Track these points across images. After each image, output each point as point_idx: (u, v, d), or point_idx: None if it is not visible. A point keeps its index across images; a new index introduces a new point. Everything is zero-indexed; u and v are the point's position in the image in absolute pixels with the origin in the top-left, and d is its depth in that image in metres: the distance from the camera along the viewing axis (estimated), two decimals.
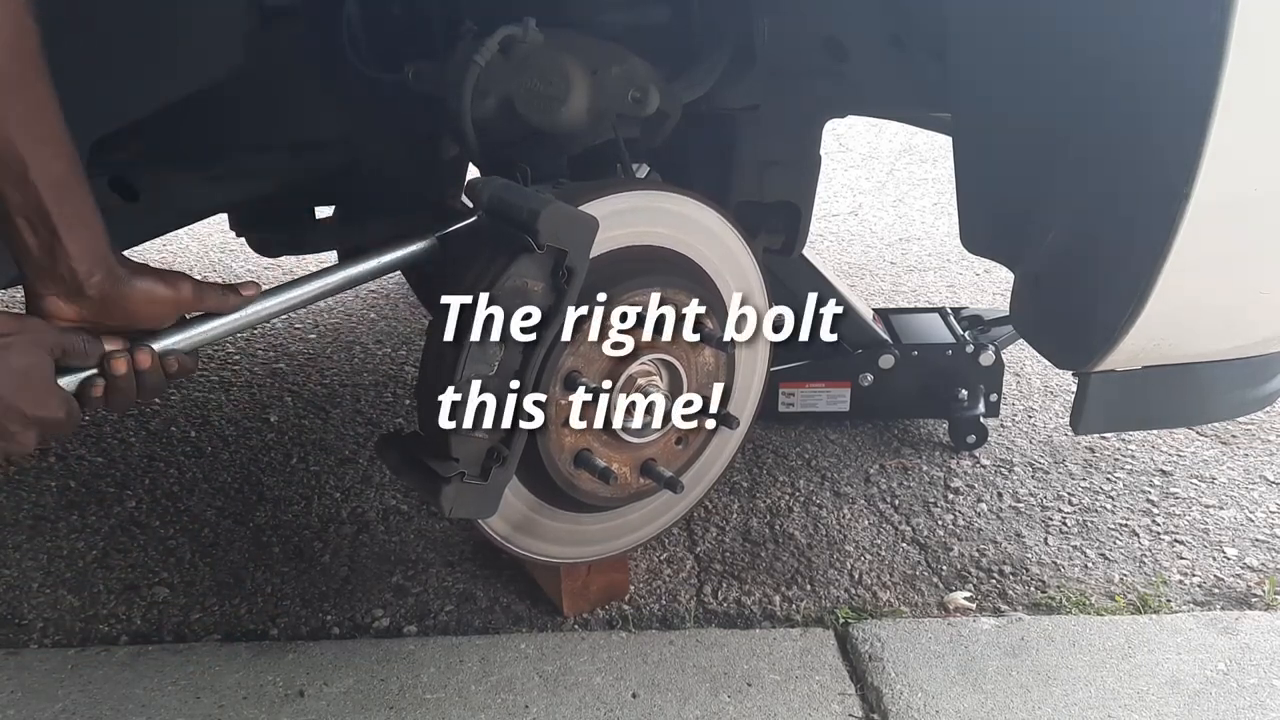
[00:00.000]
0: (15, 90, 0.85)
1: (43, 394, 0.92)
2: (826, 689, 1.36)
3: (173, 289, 1.01)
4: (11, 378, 0.90)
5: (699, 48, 1.47)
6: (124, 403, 1.01)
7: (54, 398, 0.94)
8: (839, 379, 1.96)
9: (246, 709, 1.32)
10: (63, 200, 0.90)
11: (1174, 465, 1.92)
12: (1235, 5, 0.88)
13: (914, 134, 4.17)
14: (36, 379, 0.92)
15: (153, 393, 1.02)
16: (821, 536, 1.71)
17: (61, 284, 0.94)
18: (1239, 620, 1.49)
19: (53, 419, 0.93)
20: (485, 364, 1.15)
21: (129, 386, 0.99)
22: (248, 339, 2.46)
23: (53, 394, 0.94)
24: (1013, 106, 1.15)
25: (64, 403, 0.95)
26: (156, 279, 1.00)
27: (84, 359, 0.97)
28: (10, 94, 0.85)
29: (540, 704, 1.33)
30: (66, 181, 0.91)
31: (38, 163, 0.88)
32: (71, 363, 0.96)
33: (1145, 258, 1.02)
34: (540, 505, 1.32)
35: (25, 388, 0.91)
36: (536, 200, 1.10)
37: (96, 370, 0.98)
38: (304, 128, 1.59)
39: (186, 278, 1.03)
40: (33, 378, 0.92)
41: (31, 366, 0.91)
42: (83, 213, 0.93)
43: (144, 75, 1.23)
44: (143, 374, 1.00)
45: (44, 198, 0.89)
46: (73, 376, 0.97)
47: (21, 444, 0.92)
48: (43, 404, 0.92)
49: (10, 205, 0.89)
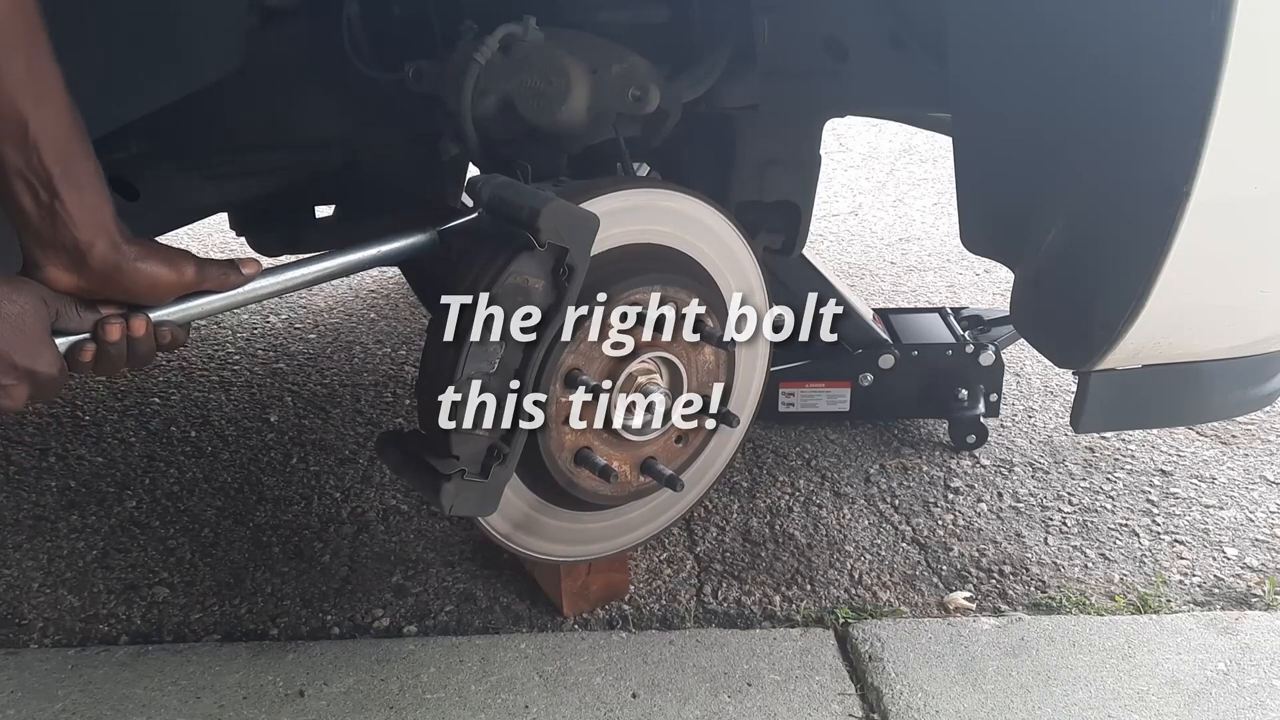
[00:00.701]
0: (16, 46, 0.83)
1: (37, 346, 0.89)
2: (826, 689, 1.36)
3: (176, 272, 0.98)
4: (6, 326, 0.87)
5: (699, 47, 1.47)
6: (112, 368, 0.98)
7: (49, 351, 0.91)
8: (839, 379, 1.96)
9: (246, 709, 1.32)
10: (65, 162, 0.87)
11: (1174, 465, 1.92)
12: (1235, 5, 0.88)
13: (914, 134, 4.17)
14: (32, 330, 0.89)
15: (142, 361, 0.99)
16: (821, 536, 1.71)
17: (62, 253, 0.90)
18: (1239, 620, 1.49)
19: (45, 374, 0.90)
20: (486, 362, 1.15)
21: (120, 353, 0.97)
22: (248, 339, 2.46)
23: (47, 347, 0.91)
24: (1013, 106, 1.15)
25: (57, 359, 0.92)
26: (160, 261, 0.97)
27: (78, 322, 0.94)
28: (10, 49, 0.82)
29: (540, 704, 1.33)
30: (69, 143, 0.87)
31: (39, 122, 0.85)
32: (65, 325, 0.93)
33: (1145, 257, 1.02)
34: (540, 503, 1.32)
35: (20, 338, 0.88)
36: (537, 198, 1.10)
37: (89, 335, 0.95)
38: (304, 127, 1.59)
39: (190, 258, 1.00)
40: (28, 329, 0.89)
41: (27, 317, 0.88)
42: (86, 177, 0.89)
43: (144, 74, 1.23)
44: (135, 341, 0.97)
45: (45, 159, 0.86)
46: (65, 338, 0.94)
47: (12, 398, 0.89)
48: (36, 356, 0.89)
49: (8, 167, 0.86)
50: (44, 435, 2.01)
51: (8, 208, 0.89)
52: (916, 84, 1.43)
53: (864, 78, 1.48)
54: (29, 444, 1.98)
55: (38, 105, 0.85)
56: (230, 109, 1.48)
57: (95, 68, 1.10)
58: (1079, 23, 1.04)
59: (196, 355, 2.37)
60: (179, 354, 2.37)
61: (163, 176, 1.54)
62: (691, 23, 1.46)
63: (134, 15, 1.17)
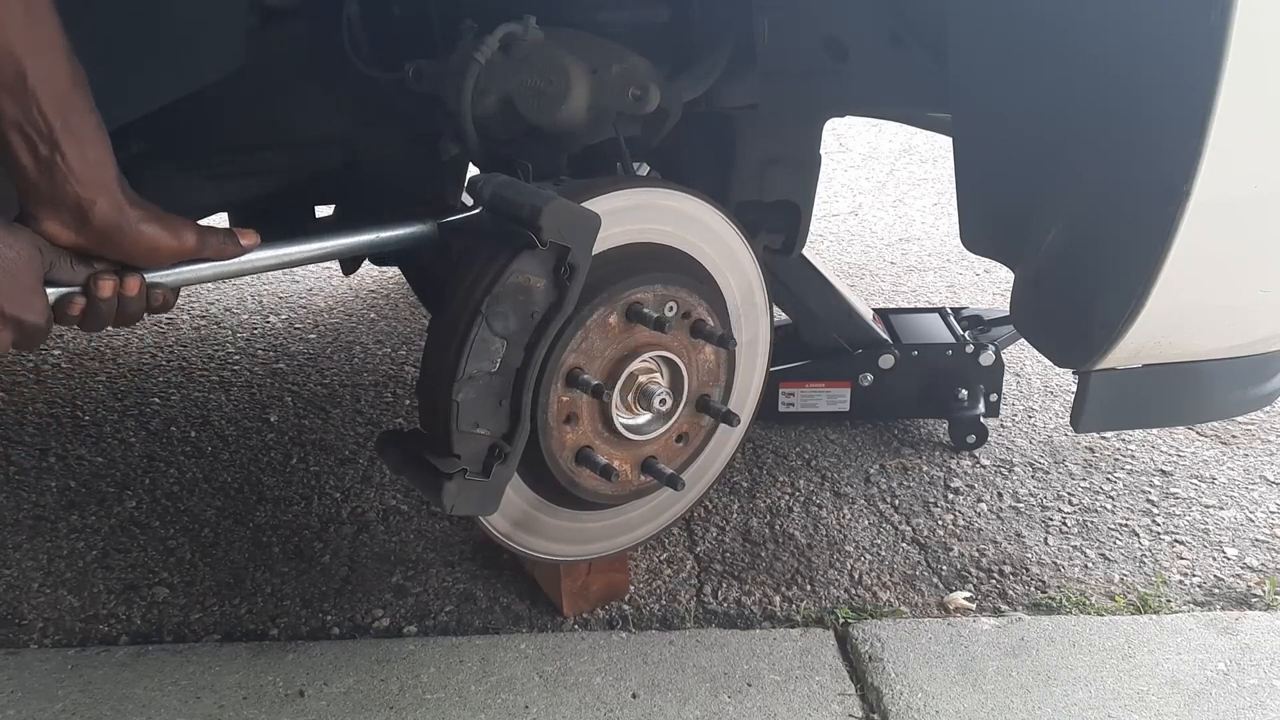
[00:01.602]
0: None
1: (28, 294, 0.87)
2: (826, 689, 1.36)
3: (177, 239, 0.96)
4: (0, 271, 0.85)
5: (699, 47, 1.47)
6: (99, 324, 0.96)
7: (38, 300, 0.88)
8: (839, 379, 1.96)
9: (246, 709, 1.32)
10: (65, 114, 0.84)
11: (1174, 465, 1.92)
12: (1235, 5, 0.88)
13: (914, 134, 4.17)
14: (24, 278, 0.87)
15: (130, 320, 0.98)
16: (821, 536, 1.71)
17: (63, 209, 0.88)
18: (1239, 620, 1.49)
19: (31, 323, 0.88)
20: (487, 361, 1.15)
21: (109, 310, 0.95)
22: (248, 339, 2.46)
23: (38, 296, 0.88)
24: (1012, 106, 1.15)
25: (45, 309, 0.89)
26: (162, 226, 0.95)
27: (70, 275, 0.91)
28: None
29: (540, 704, 1.33)
30: (69, 94, 0.85)
31: (37, 71, 0.82)
32: (57, 276, 0.91)
33: (1145, 256, 1.02)
34: (541, 503, 1.32)
35: (11, 284, 0.85)
36: (539, 197, 1.10)
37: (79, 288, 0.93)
38: (304, 127, 1.59)
39: (191, 226, 0.98)
40: (21, 276, 0.86)
41: (21, 264, 0.86)
42: (88, 130, 0.87)
43: (144, 74, 1.22)
44: (126, 300, 0.95)
45: (44, 110, 0.83)
46: (54, 289, 0.92)
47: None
48: (26, 305, 0.87)
49: (5, 119, 0.83)
50: (44, 435, 2.01)
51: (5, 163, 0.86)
52: (916, 84, 1.43)
53: (864, 78, 1.48)
54: (29, 444, 1.98)
55: (36, 54, 0.82)
56: (230, 109, 1.48)
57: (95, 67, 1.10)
58: (1079, 22, 1.04)
59: (196, 355, 2.37)
60: (179, 354, 2.37)
61: (163, 176, 1.54)
62: (691, 23, 1.46)
63: (134, 15, 1.17)
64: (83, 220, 0.89)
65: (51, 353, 2.37)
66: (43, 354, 2.36)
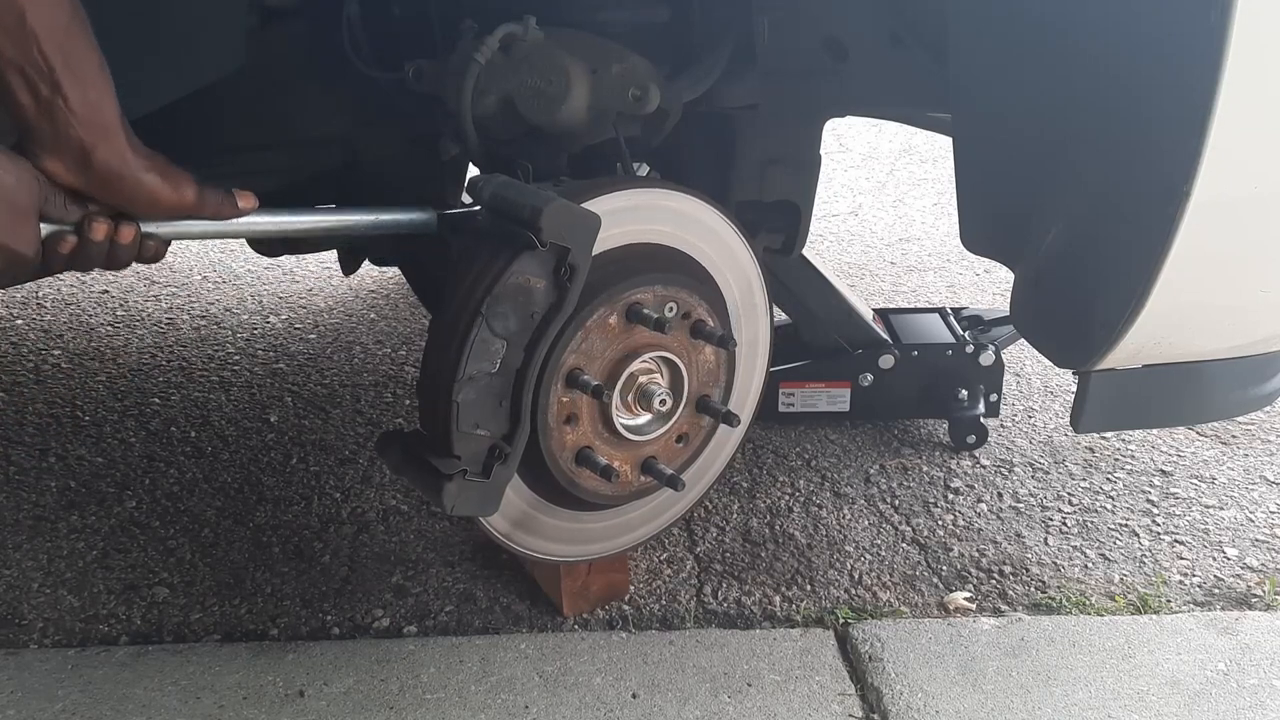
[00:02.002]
0: None
1: (21, 223, 0.85)
2: (826, 689, 1.36)
3: (178, 193, 0.95)
4: None
5: (699, 47, 1.47)
6: (88, 266, 0.95)
7: (29, 230, 0.86)
8: (839, 379, 1.96)
9: (246, 709, 1.32)
10: (66, 54, 0.82)
11: (1174, 465, 1.92)
12: (1235, 5, 0.88)
13: (914, 134, 4.17)
14: (18, 205, 0.85)
15: (118, 265, 0.96)
16: (821, 536, 1.71)
17: (64, 153, 0.86)
18: (1239, 620, 1.49)
19: (19, 253, 0.86)
20: (487, 361, 1.15)
21: (99, 254, 0.93)
22: (248, 339, 2.46)
23: (30, 226, 0.86)
24: (1012, 106, 1.15)
25: (35, 240, 0.88)
26: (164, 177, 0.94)
27: (63, 213, 0.90)
28: None
29: (540, 704, 1.33)
30: (69, 33, 0.82)
31: (37, 8, 0.80)
32: (50, 211, 0.89)
33: (1146, 256, 1.02)
34: (541, 503, 1.32)
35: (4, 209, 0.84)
36: (539, 197, 1.10)
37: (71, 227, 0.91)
38: (304, 127, 1.59)
39: (190, 181, 0.98)
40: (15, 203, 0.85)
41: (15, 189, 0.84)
42: (89, 70, 0.84)
43: (144, 74, 1.22)
44: (118, 246, 0.94)
45: (44, 49, 0.81)
46: (47, 225, 0.91)
47: None
48: (17, 234, 0.85)
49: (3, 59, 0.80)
50: (44, 435, 2.01)
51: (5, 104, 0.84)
52: (916, 84, 1.43)
53: (864, 78, 1.48)
54: (29, 444, 1.98)
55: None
56: (230, 108, 1.48)
57: None
58: (1079, 22, 1.04)
59: (196, 355, 2.37)
60: (179, 354, 2.37)
61: None
62: (691, 23, 1.46)
63: (134, 15, 1.17)
64: (84, 163, 0.87)
65: (51, 353, 2.37)
66: (43, 354, 2.36)
